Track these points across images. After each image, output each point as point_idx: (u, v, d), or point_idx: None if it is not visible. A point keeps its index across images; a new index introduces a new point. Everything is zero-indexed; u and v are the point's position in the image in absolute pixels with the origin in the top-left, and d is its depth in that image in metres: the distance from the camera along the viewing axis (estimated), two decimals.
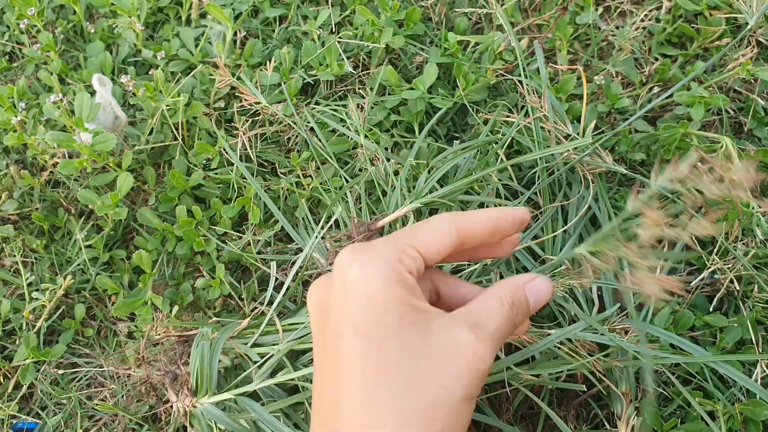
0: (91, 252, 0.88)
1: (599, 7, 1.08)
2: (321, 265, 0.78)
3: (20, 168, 0.95)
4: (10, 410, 0.80)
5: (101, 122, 0.91)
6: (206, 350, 0.65)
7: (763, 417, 0.68)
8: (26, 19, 1.02)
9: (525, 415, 0.76)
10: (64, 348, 0.83)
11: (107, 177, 0.90)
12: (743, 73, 0.86)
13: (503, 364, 0.64)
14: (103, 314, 0.87)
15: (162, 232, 0.88)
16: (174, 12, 1.09)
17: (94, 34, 1.06)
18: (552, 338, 0.63)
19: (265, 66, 0.97)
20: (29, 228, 0.92)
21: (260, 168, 0.93)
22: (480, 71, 0.95)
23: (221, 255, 0.87)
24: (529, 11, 1.07)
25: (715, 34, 0.98)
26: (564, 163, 0.82)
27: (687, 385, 0.74)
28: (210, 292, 0.84)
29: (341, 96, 0.99)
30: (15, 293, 0.88)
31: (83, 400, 0.81)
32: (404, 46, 0.98)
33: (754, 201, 0.80)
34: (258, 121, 0.95)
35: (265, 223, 0.89)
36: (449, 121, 0.96)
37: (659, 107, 0.98)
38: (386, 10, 0.97)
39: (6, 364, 0.83)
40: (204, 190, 0.92)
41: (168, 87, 0.90)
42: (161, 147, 0.95)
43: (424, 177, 0.80)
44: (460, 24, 1.01)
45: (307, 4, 1.09)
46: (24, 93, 0.97)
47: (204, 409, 0.64)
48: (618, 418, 0.68)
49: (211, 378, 0.64)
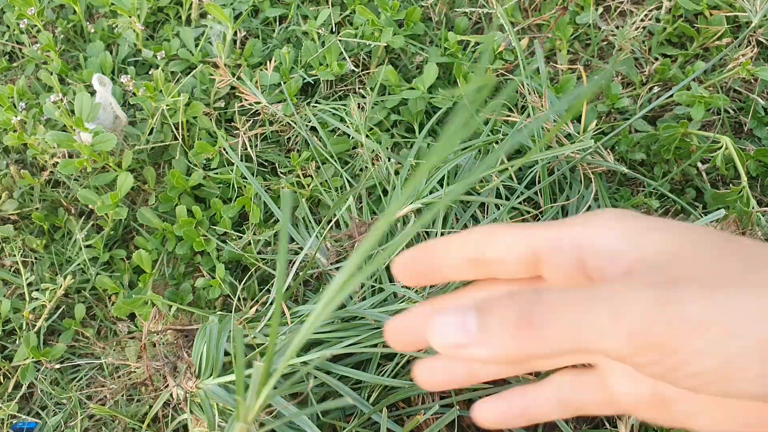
0: (91, 252, 0.88)
1: (599, 7, 1.08)
2: (322, 264, 0.78)
3: (20, 168, 0.94)
4: (10, 410, 0.80)
5: (101, 122, 0.91)
6: (214, 332, 0.65)
7: None
8: (26, 18, 1.02)
9: None
10: (64, 348, 0.83)
11: (107, 177, 0.90)
12: (743, 73, 0.86)
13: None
14: (103, 314, 0.87)
15: (162, 232, 0.88)
16: (174, 12, 1.09)
17: (94, 34, 1.06)
18: None
19: (265, 66, 0.97)
20: (29, 228, 0.92)
21: (260, 168, 0.93)
22: (480, 71, 0.95)
23: (221, 255, 0.86)
24: (529, 11, 1.07)
25: (715, 34, 0.98)
26: (566, 161, 0.82)
27: None
28: (210, 292, 0.84)
29: (341, 96, 0.99)
30: (15, 293, 0.88)
31: (83, 400, 0.81)
32: (404, 46, 0.98)
33: (753, 200, 0.80)
34: (258, 120, 0.95)
35: (265, 222, 0.89)
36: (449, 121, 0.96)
37: (659, 107, 0.98)
38: (386, 9, 0.97)
39: (6, 364, 0.82)
40: (204, 190, 0.92)
41: (168, 87, 0.90)
42: (161, 147, 0.95)
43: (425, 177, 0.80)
44: (460, 24, 1.01)
45: (307, 3, 1.09)
46: (24, 93, 0.96)
47: (208, 389, 0.64)
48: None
49: (217, 359, 0.64)
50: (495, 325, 0.26)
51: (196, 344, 0.67)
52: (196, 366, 0.66)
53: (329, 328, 0.68)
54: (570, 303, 0.25)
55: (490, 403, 0.34)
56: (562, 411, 0.33)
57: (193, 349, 0.67)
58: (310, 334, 0.34)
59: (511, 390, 0.34)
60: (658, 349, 0.24)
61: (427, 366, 0.33)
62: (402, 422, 0.69)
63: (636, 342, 0.24)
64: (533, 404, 0.33)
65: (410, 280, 0.33)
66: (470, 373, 0.33)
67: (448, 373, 0.33)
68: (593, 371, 0.32)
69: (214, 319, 0.70)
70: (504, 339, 0.25)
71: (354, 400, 0.64)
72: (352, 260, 0.28)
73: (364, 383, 0.69)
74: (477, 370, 0.33)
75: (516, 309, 0.25)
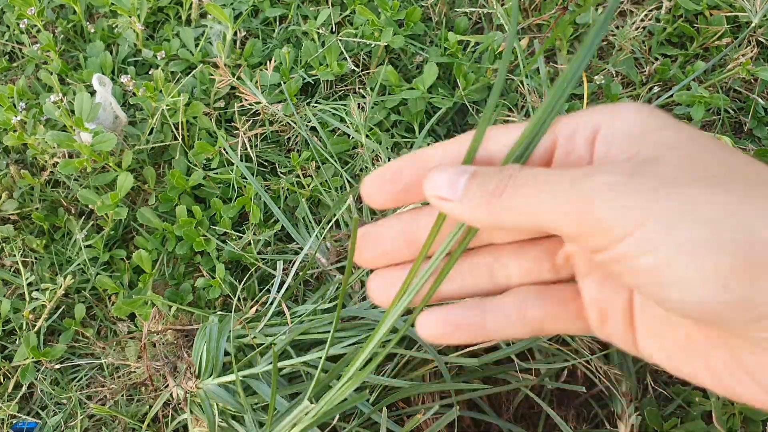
0: (91, 252, 0.88)
1: (599, 7, 1.08)
2: (322, 264, 0.78)
3: (20, 168, 0.94)
4: (10, 410, 0.80)
5: (101, 122, 0.91)
6: (214, 332, 0.65)
7: (763, 417, 0.68)
8: (26, 18, 1.02)
9: (525, 414, 0.76)
10: (64, 348, 0.83)
11: (107, 177, 0.90)
12: (743, 73, 0.86)
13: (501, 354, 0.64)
14: (103, 314, 0.87)
15: (162, 232, 0.88)
16: (174, 12, 1.09)
17: (94, 34, 1.06)
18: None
19: (265, 66, 0.97)
20: (29, 228, 0.92)
21: (260, 168, 0.93)
22: (480, 71, 0.95)
23: (221, 255, 0.87)
24: (529, 11, 1.07)
25: (715, 34, 0.98)
26: None
27: (687, 385, 0.74)
28: (210, 292, 0.84)
29: (341, 96, 0.99)
30: (15, 293, 0.88)
31: (83, 400, 0.81)
32: (404, 46, 0.98)
33: None
34: (258, 120, 0.95)
35: (265, 222, 0.89)
36: (449, 121, 0.96)
37: (659, 107, 0.98)
38: (386, 9, 0.97)
39: (6, 364, 0.82)
40: (204, 189, 0.92)
41: (168, 87, 0.90)
42: (161, 147, 0.95)
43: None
44: (460, 24, 1.01)
45: (307, 3, 1.09)
46: (24, 93, 0.97)
47: (208, 389, 0.64)
48: (618, 417, 0.68)
49: (217, 359, 0.64)
50: (475, 191, 0.28)
51: (196, 344, 0.67)
52: (196, 366, 0.66)
53: (329, 328, 0.68)
54: (537, 181, 0.26)
55: (439, 311, 0.32)
56: (522, 328, 0.31)
57: (193, 349, 0.67)
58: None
59: (465, 301, 0.32)
60: (603, 235, 0.24)
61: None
62: (402, 422, 0.69)
63: (584, 223, 0.24)
64: (490, 317, 0.31)
65: (383, 199, 0.31)
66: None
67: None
68: (559, 287, 0.31)
69: (214, 319, 0.70)
70: (478, 205, 0.27)
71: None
72: None
73: (364, 383, 0.69)
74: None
75: (495, 180, 0.27)
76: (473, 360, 0.65)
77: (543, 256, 0.32)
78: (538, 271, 0.32)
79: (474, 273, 0.32)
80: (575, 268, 0.31)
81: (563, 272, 0.32)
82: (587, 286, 0.30)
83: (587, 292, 0.30)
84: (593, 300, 0.30)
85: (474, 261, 0.32)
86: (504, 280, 0.32)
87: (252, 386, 0.63)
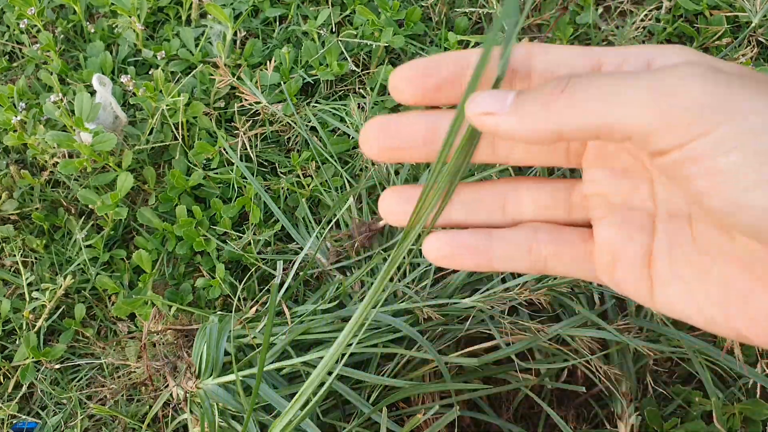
0: (91, 252, 0.88)
1: (599, 6, 1.08)
2: (322, 264, 0.78)
3: (20, 168, 0.95)
4: (10, 410, 0.80)
5: (101, 122, 0.91)
6: (214, 332, 0.66)
7: (763, 416, 0.68)
8: (26, 18, 1.02)
9: (525, 414, 0.76)
10: (64, 348, 0.83)
11: (107, 177, 0.90)
12: None
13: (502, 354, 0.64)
14: (103, 314, 0.87)
15: (162, 232, 0.88)
16: (174, 12, 1.09)
17: (94, 34, 1.06)
18: (555, 329, 0.63)
19: (265, 66, 0.97)
20: (29, 228, 0.92)
21: (260, 168, 0.93)
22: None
23: (221, 255, 0.87)
24: (529, 11, 1.07)
25: (715, 34, 0.98)
26: None
27: (687, 385, 0.74)
28: (210, 292, 0.84)
29: (341, 96, 0.99)
30: (15, 293, 0.88)
31: (83, 400, 0.81)
32: (404, 46, 0.98)
33: None
34: (258, 120, 0.95)
35: (265, 222, 0.89)
36: None
37: None
38: (386, 9, 0.97)
39: (6, 364, 0.82)
40: (204, 189, 0.92)
41: (168, 87, 0.90)
42: (161, 147, 0.95)
43: (425, 176, 0.80)
44: (460, 24, 1.01)
45: (307, 3, 1.09)
46: (24, 93, 0.97)
47: (208, 389, 0.64)
48: (618, 417, 0.68)
49: (217, 359, 0.64)
50: (529, 101, 0.25)
51: (196, 344, 0.67)
52: (196, 366, 0.66)
53: (329, 328, 0.68)
54: (604, 78, 0.24)
55: (446, 234, 0.31)
56: (529, 263, 0.30)
57: (193, 349, 0.67)
58: None
59: (476, 229, 0.31)
60: (684, 129, 0.22)
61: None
62: (402, 422, 0.69)
63: (666, 115, 0.22)
64: (498, 245, 0.30)
65: (412, 92, 0.29)
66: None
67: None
68: (571, 228, 0.30)
69: (214, 319, 0.70)
70: (533, 111, 0.25)
71: (354, 400, 0.64)
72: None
73: (364, 383, 0.69)
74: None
75: (549, 87, 0.25)
76: (473, 360, 0.65)
77: (559, 194, 0.30)
78: (552, 208, 0.31)
79: (487, 203, 0.31)
80: (590, 210, 0.30)
81: (576, 214, 0.30)
82: (603, 228, 0.29)
83: (602, 234, 0.29)
84: (606, 243, 0.28)
85: (489, 190, 0.31)
86: (516, 216, 0.31)
87: (252, 386, 0.63)
